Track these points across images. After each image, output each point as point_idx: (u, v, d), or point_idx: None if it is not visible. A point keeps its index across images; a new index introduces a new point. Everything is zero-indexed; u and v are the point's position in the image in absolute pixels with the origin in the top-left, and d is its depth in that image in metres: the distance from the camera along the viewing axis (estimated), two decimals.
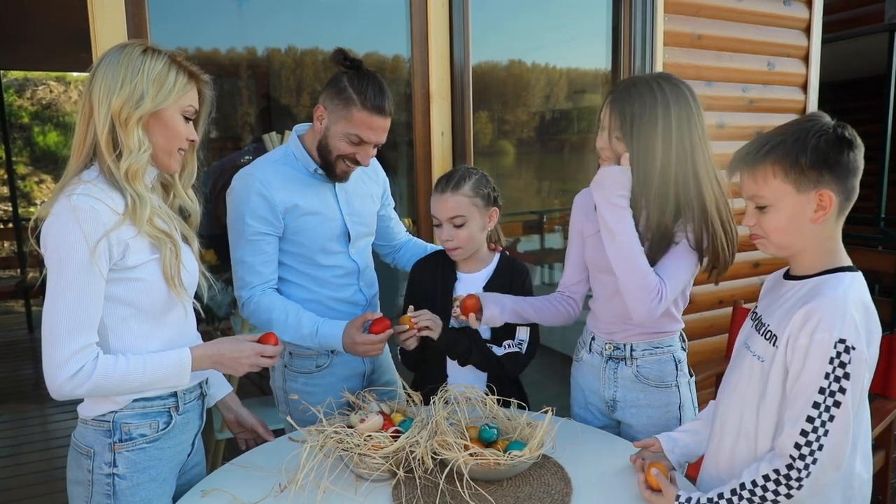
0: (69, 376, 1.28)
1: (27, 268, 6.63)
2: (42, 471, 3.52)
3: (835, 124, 1.24)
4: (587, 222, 1.81)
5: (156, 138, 1.39)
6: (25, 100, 10.53)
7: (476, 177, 1.87)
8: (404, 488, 1.45)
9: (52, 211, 1.28)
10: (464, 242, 1.85)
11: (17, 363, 5.44)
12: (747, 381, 1.35)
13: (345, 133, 1.77)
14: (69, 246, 1.26)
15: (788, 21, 3.43)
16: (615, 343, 1.79)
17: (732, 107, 3.34)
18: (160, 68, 1.36)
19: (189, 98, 1.42)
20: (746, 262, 3.50)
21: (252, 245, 1.81)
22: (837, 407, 1.18)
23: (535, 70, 3.68)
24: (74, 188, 1.29)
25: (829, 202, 1.23)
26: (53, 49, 5.79)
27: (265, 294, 1.83)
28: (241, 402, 1.76)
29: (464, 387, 1.68)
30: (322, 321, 1.81)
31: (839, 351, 1.17)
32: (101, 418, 1.39)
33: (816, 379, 1.19)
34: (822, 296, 1.22)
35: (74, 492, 1.42)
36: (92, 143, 1.35)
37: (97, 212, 1.28)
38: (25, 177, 9.93)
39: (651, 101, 1.56)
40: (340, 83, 1.76)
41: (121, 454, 1.39)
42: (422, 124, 2.61)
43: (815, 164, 1.22)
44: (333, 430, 1.49)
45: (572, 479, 1.49)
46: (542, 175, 4.12)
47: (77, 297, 1.28)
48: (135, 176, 1.34)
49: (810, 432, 1.19)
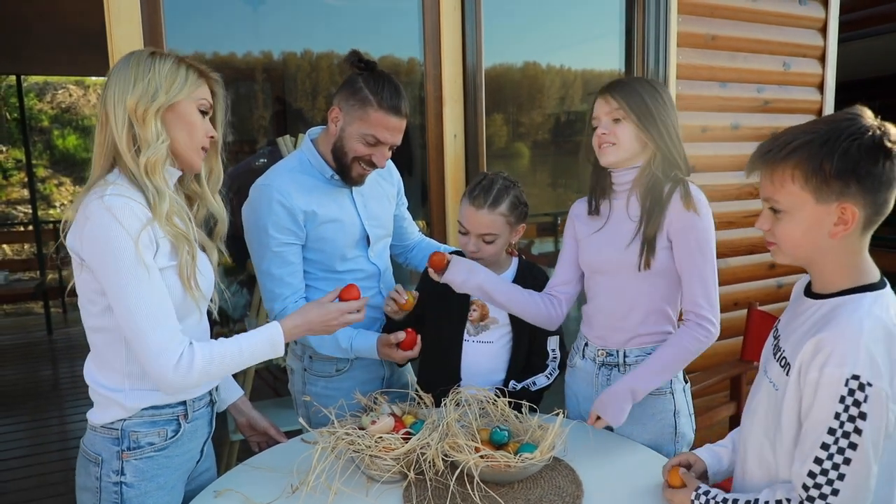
0: (173, 365, 1.31)
1: (46, 270, 6.72)
2: (60, 471, 3.56)
3: (875, 126, 1.08)
4: (582, 226, 1.81)
5: (175, 133, 1.40)
6: (45, 103, 10.69)
7: (514, 193, 1.85)
8: (415, 490, 1.45)
9: (85, 216, 1.28)
10: (489, 255, 1.85)
11: (37, 364, 5.51)
12: (765, 409, 1.25)
13: (361, 134, 1.76)
14: (114, 244, 1.26)
15: (804, 21, 3.40)
16: (608, 350, 1.77)
17: (747, 108, 3.31)
18: (169, 66, 1.38)
19: (202, 92, 1.44)
20: (762, 264, 3.48)
21: (278, 257, 1.80)
22: (853, 449, 1.05)
23: (551, 72, 3.67)
24: (104, 189, 1.30)
25: (853, 217, 1.09)
26: (72, 54, 5.86)
27: (298, 305, 1.81)
28: (252, 406, 1.77)
29: (475, 389, 1.68)
30: (355, 335, 1.85)
31: (852, 388, 1.05)
32: (110, 426, 1.39)
33: (826, 419, 1.07)
34: (835, 324, 1.10)
35: (83, 498, 1.44)
36: (112, 147, 1.36)
37: (131, 207, 1.29)
38: (45, 179, 10.07)
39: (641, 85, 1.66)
40: (356, 84, 1.76)
41: (129, 462, 1.39)
42: (434, 127, 2.61)
43: (841, 174, 1.07)
44: (345, 432, 1.49)
45: (583, 482, 1.49)
46: (556, 177, 4.11)
47: (141, 291, 1.28)
48: (154, 169, 1.35)
49: (818, 474, 1.08)
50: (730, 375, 2.78)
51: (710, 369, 2.81)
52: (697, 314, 1.64)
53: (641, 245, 1.66)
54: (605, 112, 1.67)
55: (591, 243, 1.78)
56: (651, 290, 1.69)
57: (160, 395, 1.41)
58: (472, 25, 2.55)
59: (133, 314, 1.28)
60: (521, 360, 1.91)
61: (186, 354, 1.33)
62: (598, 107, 1.69)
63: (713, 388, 2.83)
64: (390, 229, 2.08)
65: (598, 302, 1.79)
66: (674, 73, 3.02)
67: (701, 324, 1.64)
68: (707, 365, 2.91)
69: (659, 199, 1.64)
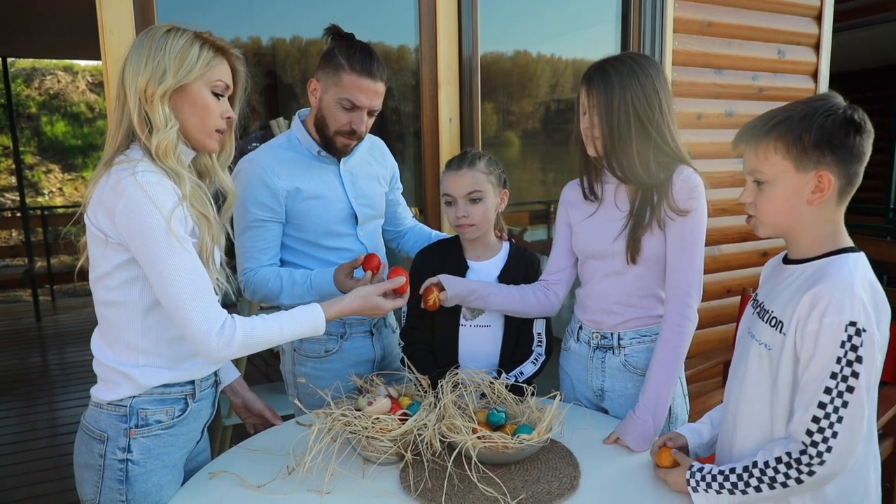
0: (217, 331, 1.31)
1: (34, 257, 6.67)
2: (50, 457, 3.54)
3: (846, 106, 1.21)
4: (574, 211, 1.80)
5: (186, 115, 1.38)
6: (33, 90, 10.56)
7: (487, 157, 1.87)
8: (412, 471, 1.44)
9: (118, 193, 1.27)
10: (479, 220, 1.84)
11: (26, 351, 5.47)
12: (756, 371, 1.31)
13: (337, 99, 1.78)
14: (151, 221, 1.27)
15: (799, 9, 3.40)
16: (602, 332, 1.77)
17: (742, 95, 3.31)
18: (182, 44, 1.35)
19: (217, 73, 1.40)
20: (755, 251, 3.49)
21: (252, 231, 1.83)
22: (851, 392, 1.14)
23: (541, 61, 3.66)
24: (134, 166, 1.28)
25: (829, 184, 1.20)
26: (61, 36, 5.79)
27: (257, 273, 1.84)
28: (248, 387, 1.76)
29: (472, 371, 1.68)
30: (314, 273, 1.82)
31: (850, 334, 1.14)
32: (118, 403, 1.38)
33: (829, 364, 1.16)
34: (828, 278, 1.19)
35: (83, 476, 1.42)
36: (128, 126, 1.35)
37: (165, 184, 1.29)
38: (33, 167, 9.98)
39: (628, 70, 1.58)
40: (331, 53, 1.79)
41: (136, 440, 1.38)
42: (430, 111, 2.59)
43: (818, 144, 1.19)
44: (341, 413, 1.48)
45: (580, 463, 1.49)
46: (547, 166, 4.11)
47: (182, 262, 1.29)
48: (165, 153, 1.33)
49: (822, 419, 1.15)
50: (723, 361, 2.80)
51: (703, 355, 2.83)
52: (686, 303, 1.62)
53: (627, 240, 1.65)
54: (586, 104, 1.63)
55: (583, 229, 1.76)
56: (645, 273, 1.68)
57: (173, 372, 1.41)
58: (468, 7, 2.54)
59: (174, 283, 1.28)
60: (511, 344, 1.90)
61: (229, 324, 1.33)
62: (581, 94, 1.65)
63: (706, 374, 2.85)
64: (381, 211, 2.07)
65: (591, 286, 1.78)
66: (669, 59, 3.01)
67: (687, 315, 1.62)
68: (700, 351, 2.93)
69: (648, 191, 1.62)
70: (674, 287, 1.64)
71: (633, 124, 1.57)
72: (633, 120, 1.57)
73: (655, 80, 1.60)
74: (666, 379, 1.62)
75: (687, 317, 1.62)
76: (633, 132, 1.58)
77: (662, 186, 1.60)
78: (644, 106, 1.57)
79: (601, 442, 1.61)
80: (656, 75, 1.60)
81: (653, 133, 1.59)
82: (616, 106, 1.57)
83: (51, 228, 7.31)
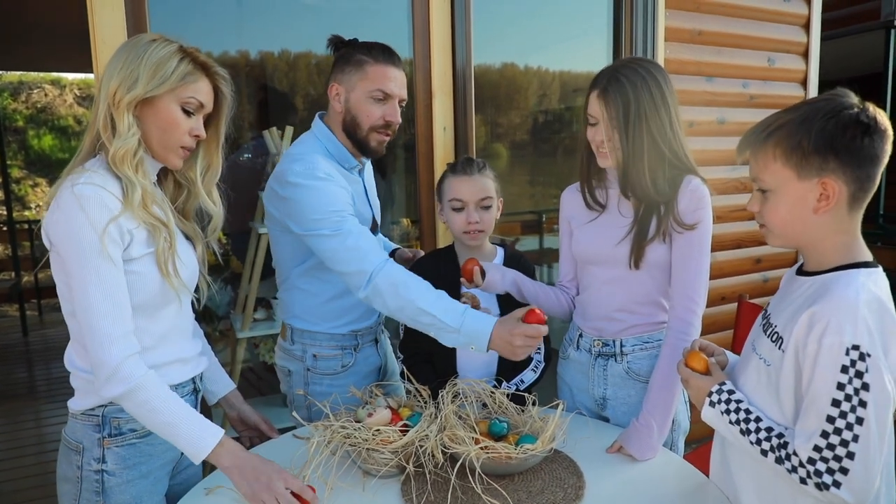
0: (115, 363, 1.25)
1: (21, 271, 6.59)
2: (37, 475, 3.48)
3: (853, 104, 1.11)
4: (574, 215, 1.79)
5: (150, 127, 1.35)
6: (20, 103, 10.47)
7: (487, 163, 1.88)
8: (414, 484, 1.42)
9: (57, 204, 1.26)
10: (488, 226, 1.84)
11: (12, 366, 5.40)
12: (754, 386, 1.24)
13: (367, 94, 1.75)
14: (79, 235, 1.24)
15: (788, 17, 3.43)
16: (604, 340, 1.74)
17: (733, 102, 3.33)
18: (161, 55, 1.32)
19: (192, 89, 1.36)
20: (748, 259, 3.50)
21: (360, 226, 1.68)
22: (860, 424, 1.04)
23: (528, 73, 3.68)
24: (77, 177, 1.27)
25: (834, 192, 1.11)
26: (51, 49, 5.76)
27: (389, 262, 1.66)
28: (244, 399, 1.73)
29: (472, 381, 1.65)
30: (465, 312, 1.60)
31: (853, 359, 1.04)
32: (90, 412, 1.35)
33: (829, 390, 1.06)
34: (829, 295, 1.10)
35: (63, 489, 1.39)
36: (96, 130, 1.33)
37: (101, 198, 1.26)
38: (20, 180, 9.86)
39: (641, 82, 1.55)
40: (347, 54, 1.77)
41: (110, 449, 1.35)
42: (424, 119, 2.58)
43: (819, 149, 1.10)
44: (341, 425, 1.46)
45: (584, 473, 1.47)
46: (535, 178, 4.12)
47: (100, 282, 1.25)
48: (122, 160, 1.30)
49: (825, 449, 1.06)
50: None
51: None
52: (691, 310, 1.60)
53: (632, 245, 1.63)
54: (599, 115, 1.59)
55: (584, 233, 1.74)
56: (648, 279, 1.67)
57: None
58: (461, 16, 2.53)
59: (89, 303, 1.25)
60: None
61: (133, 361, 1.28)
62: (591, 104, 1.61)
63: None
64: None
65: (592, 292, 1.76)
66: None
67: (692, 322, 1.60)
68: None
69: (654, 200, 1.60)
70: (679, 294, 1.62)
71: (647, 140, 1.55)
72: (646, 136, 1.55)
73: (665, 88, 1.58)
74: (670, 386, 1.60)
75: (692, 323, 1.60)
76: (645, 148, 1.56)
77: (670, 201, 1.59)
78: (656, 121, 1.55)
79: (604, 451, 1.58)
80: (665, 84, 1.59)
81: (664, 149, 1.57)
82: (632, 120, 1.55)
83: (38, 242, 7.20)
